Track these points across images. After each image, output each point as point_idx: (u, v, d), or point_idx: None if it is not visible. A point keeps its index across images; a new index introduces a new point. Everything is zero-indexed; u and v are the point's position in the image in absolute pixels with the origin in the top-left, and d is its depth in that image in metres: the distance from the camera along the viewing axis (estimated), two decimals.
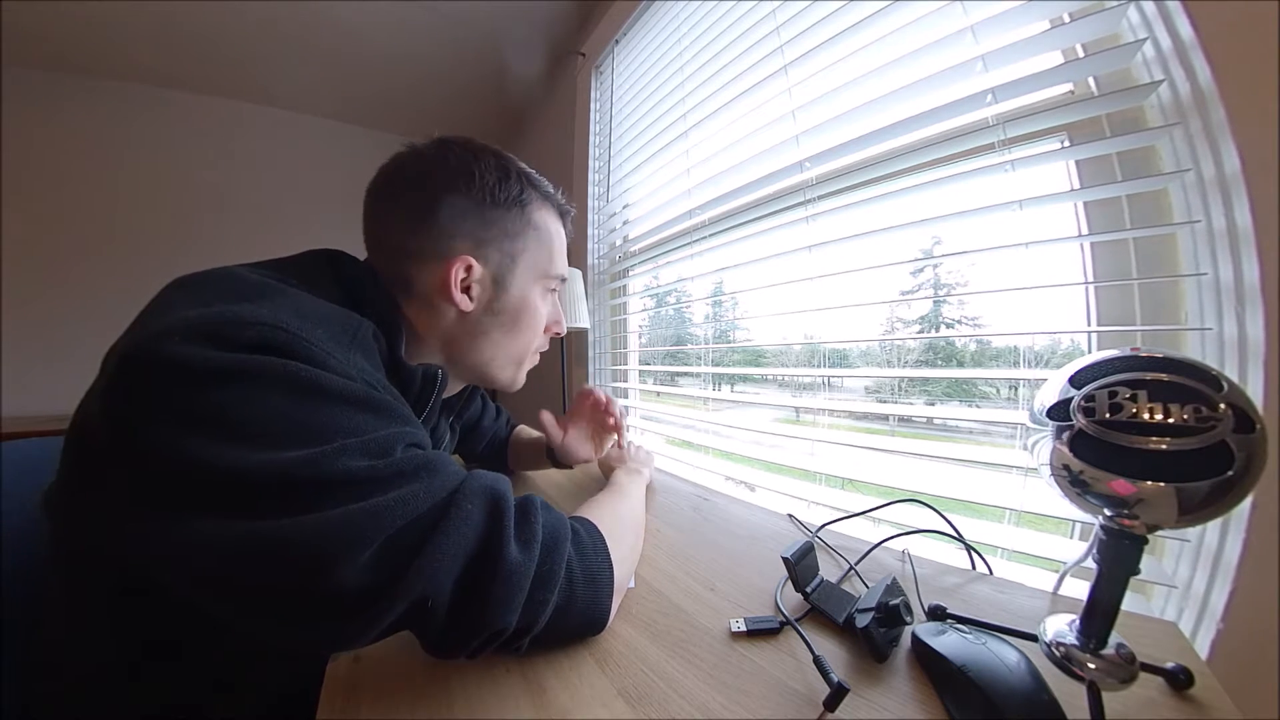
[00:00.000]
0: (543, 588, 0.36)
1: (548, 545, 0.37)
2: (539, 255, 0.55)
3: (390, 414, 0.36)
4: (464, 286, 0.50)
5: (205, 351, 0.29)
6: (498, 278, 0.52)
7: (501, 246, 0.51)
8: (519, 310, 0.54)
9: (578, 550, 0.40)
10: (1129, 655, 0.30)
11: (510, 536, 0.34)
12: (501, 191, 0.50)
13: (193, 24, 1.93)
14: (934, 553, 0.59)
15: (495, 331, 0.54)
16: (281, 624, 0.30)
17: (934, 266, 0.83)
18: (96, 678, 0.38)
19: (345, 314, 0.40)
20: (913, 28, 0.73)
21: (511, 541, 0.34)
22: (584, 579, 0.40)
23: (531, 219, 0.53)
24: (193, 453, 0.28)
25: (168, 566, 0.31)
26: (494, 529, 0.34)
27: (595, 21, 1.70)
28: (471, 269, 0.49)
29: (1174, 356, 0.26)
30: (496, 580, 0.32)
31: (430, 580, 0.30)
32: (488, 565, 0.33)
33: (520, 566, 0.34)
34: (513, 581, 0.33)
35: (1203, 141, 0.49)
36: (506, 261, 0.52)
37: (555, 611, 0.37)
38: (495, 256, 0.51)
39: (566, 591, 0.38)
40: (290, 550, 0.27)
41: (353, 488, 0.30)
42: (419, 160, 0.50)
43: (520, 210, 0.52)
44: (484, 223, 0.50)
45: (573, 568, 0.39)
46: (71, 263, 2.21)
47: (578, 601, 0.39)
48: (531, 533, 0.36)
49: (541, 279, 0.56)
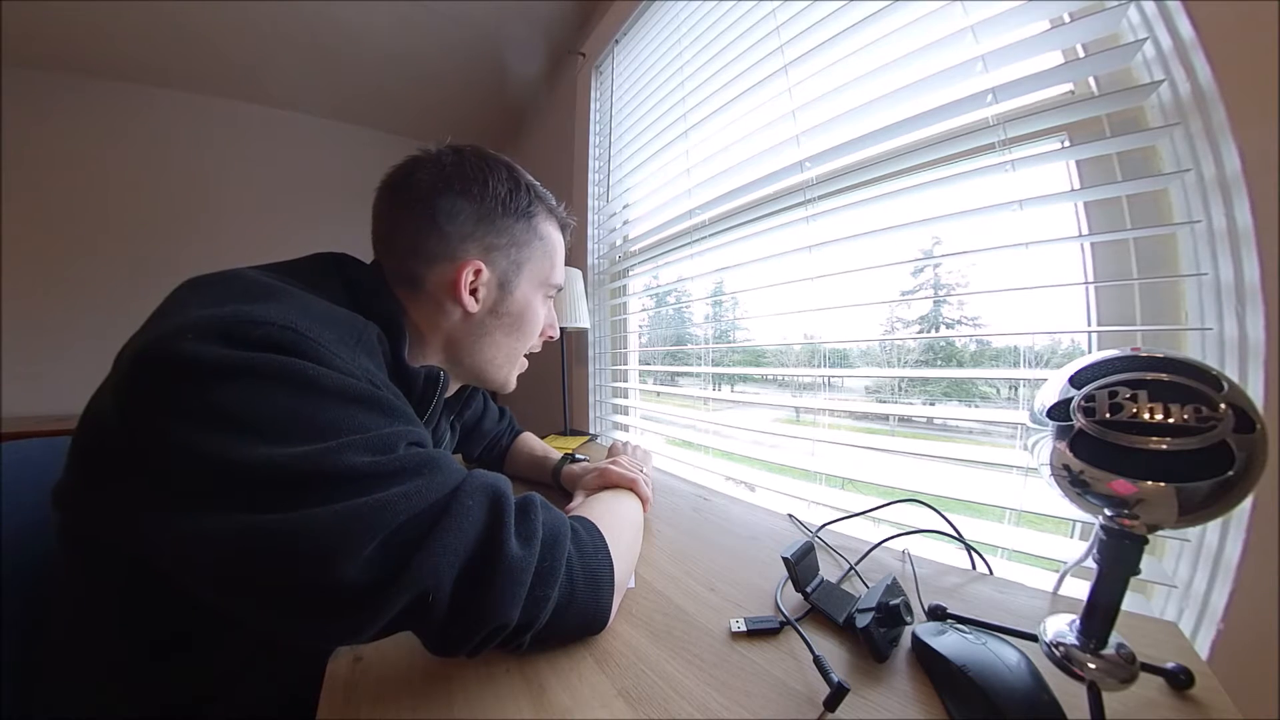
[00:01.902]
0: (543, 584, 0.36)
1: (548, 542, 0.37)
2: (542, 264, 0.58)
3: (393, 413, 0.36)
4: (471, 289, 0.52)
5: (217, 350, 0.30)
6: (503, 282, 0.54)
7: (509, 254, 0.54)
8: (521, 314, 0.57)
9: (578, 549, 0.41)
10: (1129, 655, 0.30)
11: (511, 532, 0.34)
12: (512, 202, 0.53)
13: (192, 24, 1.92)
14: (934, 553, 0.59)
15: (497, 333, 0.56)
16: (284, 617, 0.30)
17: (934, 266, 0.83)
18: (101, 676, 0.38)
19: (351, 316, 0.41)
20: (913, 28, 0.73)
21: (512, 537, 0.34)
22: (584, 577, 0.40)
23: (538, 229, 0.56)
24: (201, 447, 0.28)
25: (173, 560, 0.31)
26: (495, 525, 0.34)
27: (595, 21, 1.70)
28: (480, 273, 0.52)
29: (1174, 356, 0.26)
30: (498, 574, 0.33)
31: (432, 574, 0.30)
32: (489, 560, 0.33)
33: (521, 561, 0.34)
34: (514, 576, 0.33)
35: (1203, 141, 0.49)
36: (512, 268, 0.55)
37: (556, 609, 0.37)
38: (502, 262, 0.54)
39: (567, 589, 0.38)
40: (293, 544, 0.28)
41: (356, 483, 0.30)
42: (434, 165, 0.51)
43: (528, 221, 0.55)
44: (494, 230, 0.52)
45: (573, 565, 0.39)
46: (71, 262, 2.21)
47: (578, 600, 0.39)
48: (531, 529, 0.37)
49: (543, 286, 0.59)
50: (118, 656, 0.38)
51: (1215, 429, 0.23)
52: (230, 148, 2.55)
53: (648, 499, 0.65)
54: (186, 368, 0.30)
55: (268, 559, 0.28)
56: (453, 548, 0.31)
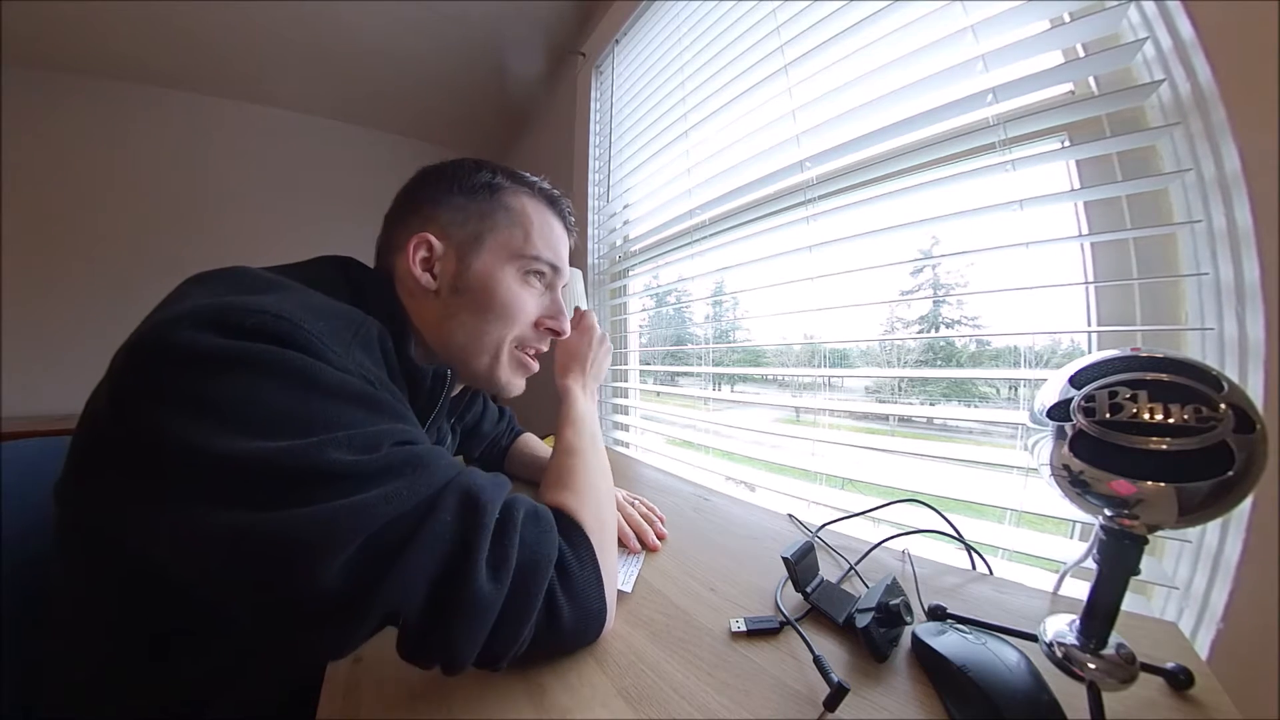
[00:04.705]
0: (510, 622, 0.33)
1: (526, 568, 0.34)
2: (510, 234, 0.54)
3: (383, 410, 0.36)
4: (426, 266, 0.51)
5: (210, 338, 0.30)
6: (461, 254, 0.52)
7: (466, 226, 0.53)
8: (484, 287, 0.53)
9: (562, 575, 0.37)
10: (1129, 655, 0.30)
11: (481, 560, 0.32)
12: (469, 180, 0.54)
13: (192, 24, 1.92)
14: (934, 553, 0.59)
15: (462, 313, 0.53)
16: (265, 622, 0.30)
17: (934, 266, 0.83)
18: (100, 676, 0.38)
19: (350, 310, 0.41)
20: (913, 28, 0.73)
21: (481, 567, 0.31)
22: (570, 607, 0.37)
23: (503, 201, 0.55)
24: (184, 436, 0.28)
25: (161, 550, 0.31)
26: (467, 547, 0.32)
27: (595, 21, 1.70)
28: (432, 246, 0.51)
29: (1174, 356, 0.26)
30: (460, 609, 0.30)
31: (403, 592, 0.29)
32: (454, 589, 0.31)
33: (486, 598, 0.31)
34: (475, 615, 0.31)
35: (1203, 141, 0.49)
36: (469, 239, 0.53)
37: (535, 638, 0.35)
38: (458, 234, 0.53)
39: (546, 618, 0.35)
40: (269, 546, 0.27)
41: (335, 482, 0.29)
42: (421, 172, 0.55)
43: (489, 193, 0.54)
44: (450, 207, 0.53)
45: (555, 594, 0.36)
46: (71, 263, 2.21)
47: (564, 626, 0.37)
48: (504, 554, 0.33)
49: (515, 258, 0.54)
50: (117, 656, 0.38)
51: (1215, 429, 0.23)
52: (230, 148, 2.55)
53: (653, 547, 0.62)
54: (178, 355, 0.29)
55: (247, 557, 0.28)
56: (425, 565, 0.30)
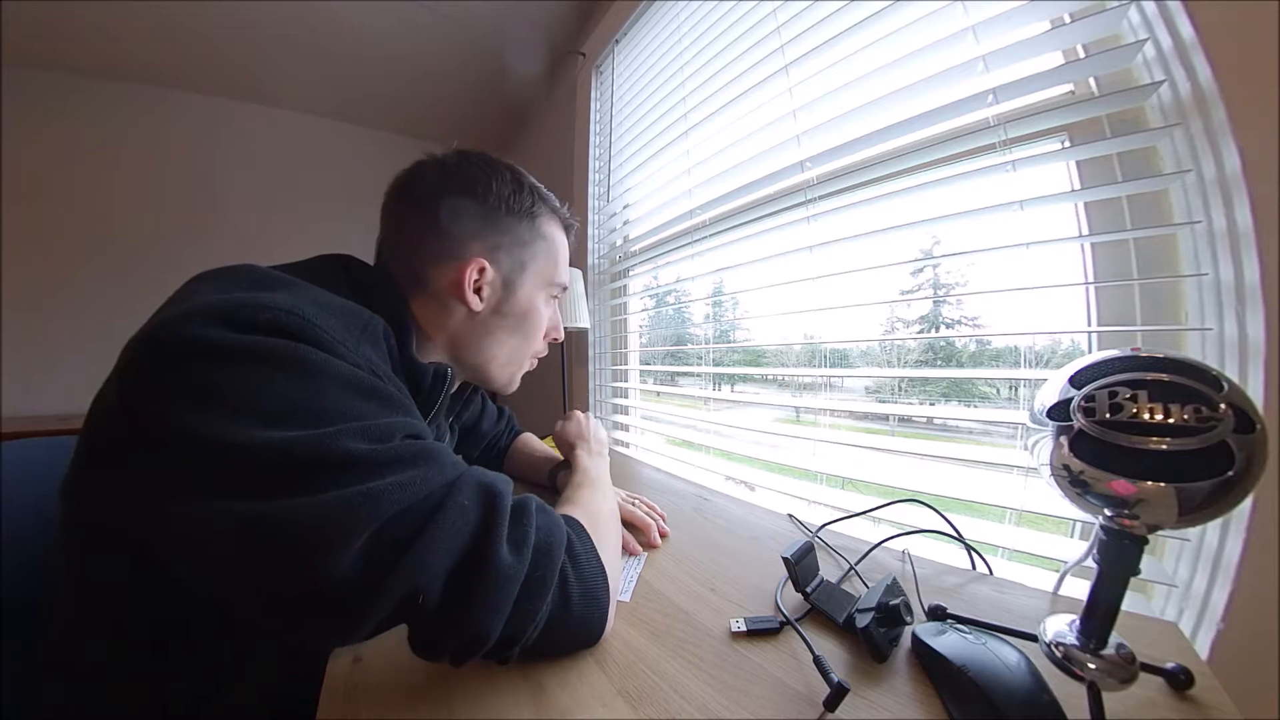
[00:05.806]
0: (531, 597, 0.34)
1: (541, 549, 0.36)
2: (546, 264, 0.58)
3: (393, 404, 0.36)
4: (476, 287, 0.52)
5: (222, 332, 0.30)
6: (508, 281, 0.55)
7: (513, 253, 0.54)
8: (525, 313, 0.57)
9: (573, 560, 0.39)
10: (1129, 655, 0.30)
11: (503, 537, 0.33)
12: (515, 202, 0.54)
13: (192, 24, 1.92)
14: (934, 553, 0.59)
15: (500, 332, 0.56)
16: (275, 613, 0.30)
17: (934, 266, 0.83)
18: (100, 675, 0.38)
19: (357, 308, 0.42)
20: (913, 28, 0.73)
21: (504, 542, 0.33)
22: (580, 590, 0.38)
23: (541, 230, 0.56)
24: (198, 428, 0.28)
25: (171, 546, 0.31)
26: (487, 526, 0.33)
27: (595, 21, 1.70)
28: (484, 271, 0.52)
29: (1174, 356, 0.26)
30: (484, 582, 0.32)
31: (423, 573, 0.30)
32: (476, 564, 0.32)
33: (509, 570, 0.33)
34: (499, 586, 0.32)
35: (1203, 142, 0.49)
36: (516, 267, 0.55)
37: (549, 624, 0.36)
38: (506, 261, 0.54)
39: (559, 602, 0.37)
40: (284, 532, 0.27)
41: (350, 469, 0.30)
42: (439, 168, 0.53)
43: (531, 220, 0.55)
44: (498, 230, 0.53)
45: (567, 577, 0.38)
46: (71, 263, 2.21)
47: (574, 612, 0.38)
48: (524, 534, 0.35)
49: (547, 286, 0.59)
50: (117, 655, 0.38)
51: (1215, 429, 0.23)
52: (231, 148, 2.55)
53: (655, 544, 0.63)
54: (190, 349, 0.30)
55: (260, 547, 0.28)
56: (445, 546, 0.31)
